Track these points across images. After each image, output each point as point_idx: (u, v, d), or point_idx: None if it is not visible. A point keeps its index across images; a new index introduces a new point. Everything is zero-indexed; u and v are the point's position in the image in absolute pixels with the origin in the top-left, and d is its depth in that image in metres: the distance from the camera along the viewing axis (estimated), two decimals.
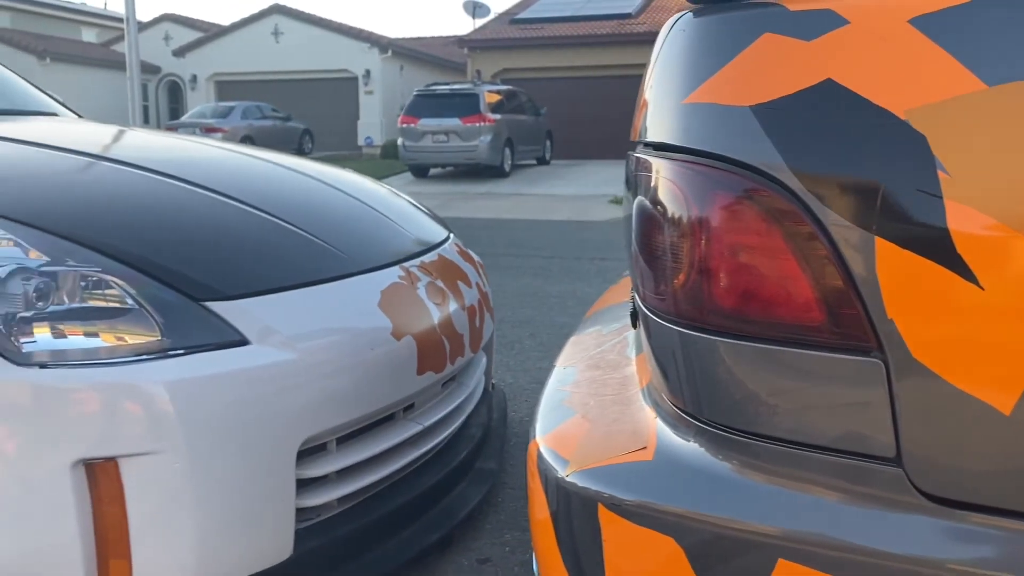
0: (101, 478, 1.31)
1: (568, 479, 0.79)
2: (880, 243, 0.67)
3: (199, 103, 23.54)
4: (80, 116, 2.95)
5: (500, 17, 22.83)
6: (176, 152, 2.28)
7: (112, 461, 1.31)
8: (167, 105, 26.57)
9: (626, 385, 0.93)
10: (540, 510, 0.85)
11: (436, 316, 1.88)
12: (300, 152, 18.64)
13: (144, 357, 1.37)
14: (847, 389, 0.69)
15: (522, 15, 21.97)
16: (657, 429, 0.80)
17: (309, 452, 1.54)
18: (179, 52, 25.34)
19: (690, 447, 0.77)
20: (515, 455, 2.49)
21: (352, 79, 23.72)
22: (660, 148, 0.81)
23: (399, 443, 1.77)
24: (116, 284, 1.41)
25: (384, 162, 18.37)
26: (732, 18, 0.77)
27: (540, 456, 0.86)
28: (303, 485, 1.54)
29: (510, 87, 16.99)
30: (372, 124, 23.49)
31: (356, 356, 1.62)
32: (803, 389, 0.71)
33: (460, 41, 22.12)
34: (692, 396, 0.78)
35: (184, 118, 20.44)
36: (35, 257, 1.40)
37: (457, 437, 2.08)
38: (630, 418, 0.85)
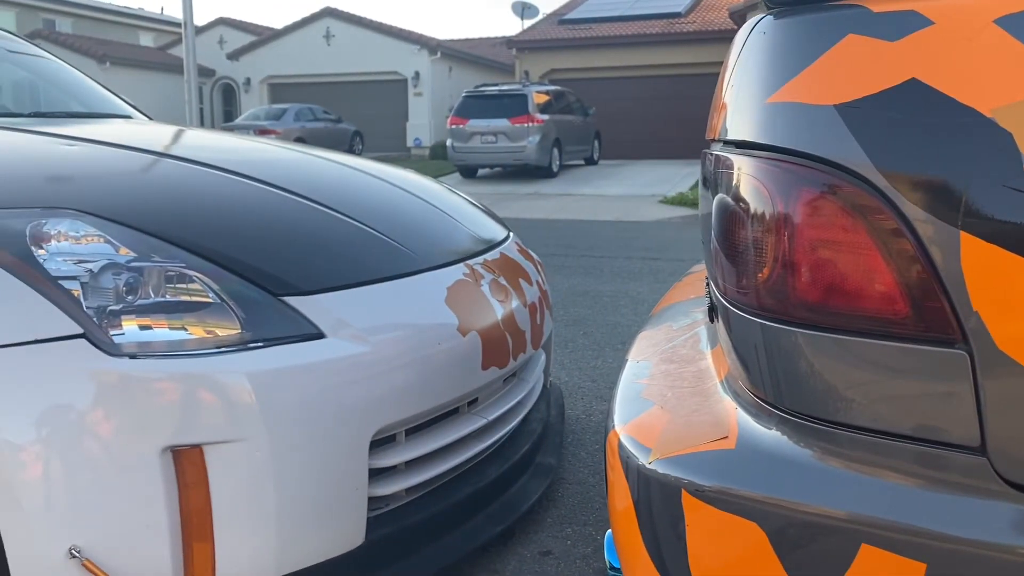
0: (187, 464, 1.37)
1: (651, 466, 0.82)
2: (965, 238, 0.68)
3: (252, 105, 24.00)
4: (150, 118, 3.06)
5: (548, 18, 22.86)
6: (248, 153, 2.36)
7: (197, 448, 1.37)
8: (221, 107, 27.12)
9: (702, 378, 0.96)
10: (622, 498, 0.88)
11: (499, 313, 1.91)
12: (351, 153, 18.90)
13: (226, 349, 1.43)
14: (931, 380, 0.71)
15: (570, 15, 21.96)
16: (738, 419, 0.82)
17: (380, 443, 1.59)
18: (233, 55, 25.85)
19: (772, 435, 0.79)
20: (573, 451, 2.51)
21: (401, 81, 23.95)
22: (742, 146, 0.83)
23: (464, 436, 1.81)
24: (199, 279, 1.47)
25: (433, 163, 18.53)
26: (815, 19, 0.79)
27: (621, 445, 0.88)
28: (374, 475, 1.58)
29: (558, 87, 17.00)
30: (421, 125, 23.70)
31: (424, 350, 1.67)
32: (886, 380, 0.73)
33: (508, 42, 22.19)
34: (773, 387, 0.80)
35: (238, 120, 20.85)
36: (124, 253, 1.46)
37: (518, 432, 2.12)
38: (709, 409, 0.87)
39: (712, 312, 0.96)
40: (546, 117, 15.20)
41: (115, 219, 1.52)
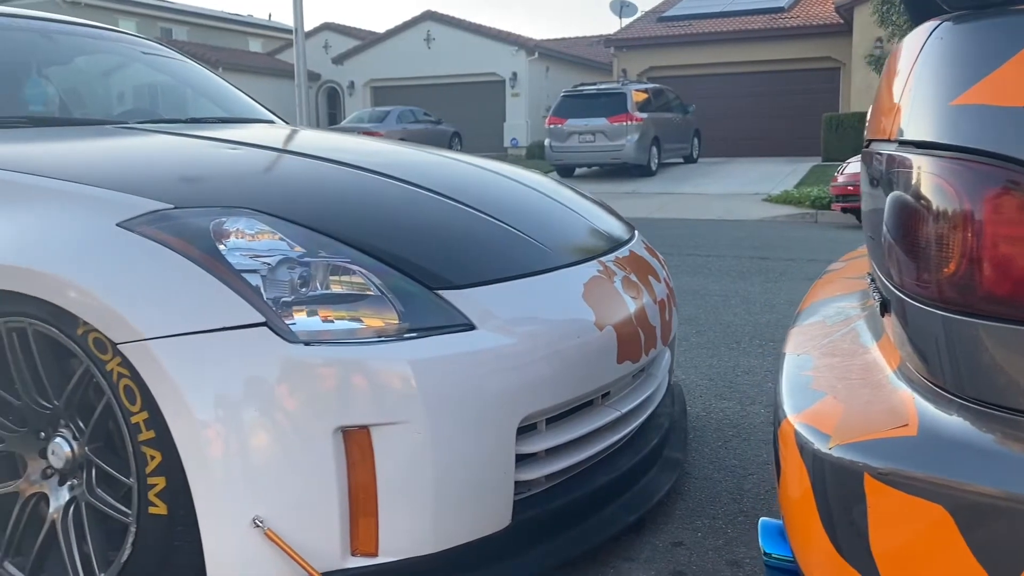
0: (355, 444, 1.48)
1: (831, 452, 0.87)
2: None
3: (356, 108, 24.71)
4: (287, 123, 3.23)
5: (647, 15, 22.71)
6: (390, 155, 2.49)
7: (365, 429, 1.48)
8: (326, 110, 27.99)
9: (870, 370, 0.99)
10: (798, 485, 0.92)
11: (632, 309, 1.97)
12: None
13: (387, 339, 1.53)
14: None
15: (669, 12, 21.76)
16: (917, 407, 0.86)
17: (523, 430, 1.67)
18: (338, 60, 26.66)
19: (954, 422, 0.82)
20: (696, 448, 2.55)
21: (499, 82, 24.22)
22: (923, 146, 0.86)
23: (599, 427, 1.87)
24: (362, 273, 1.58)
25: (529, 163, 18.66)
26: (1001, 24, 0.82)
27: (797, 433, 0.93)
28: (518, 460, 1.66)
29: (657, 85, 16.89)
30: (518, 126, 23.92)
31: (564, 343, 1.74)
32: None
33: (606, 41, 22.16)
34: (954, 376, 0.83)
35: (343, 123, 21.51)
36: (296, 250, 1.59)
37: (647, 426, 2.17)
38: (884, 399, 0.91)
39: (884, 306, 1.00)
40: (645, 115, 15.14)
41: (285, 217, 1.65)
